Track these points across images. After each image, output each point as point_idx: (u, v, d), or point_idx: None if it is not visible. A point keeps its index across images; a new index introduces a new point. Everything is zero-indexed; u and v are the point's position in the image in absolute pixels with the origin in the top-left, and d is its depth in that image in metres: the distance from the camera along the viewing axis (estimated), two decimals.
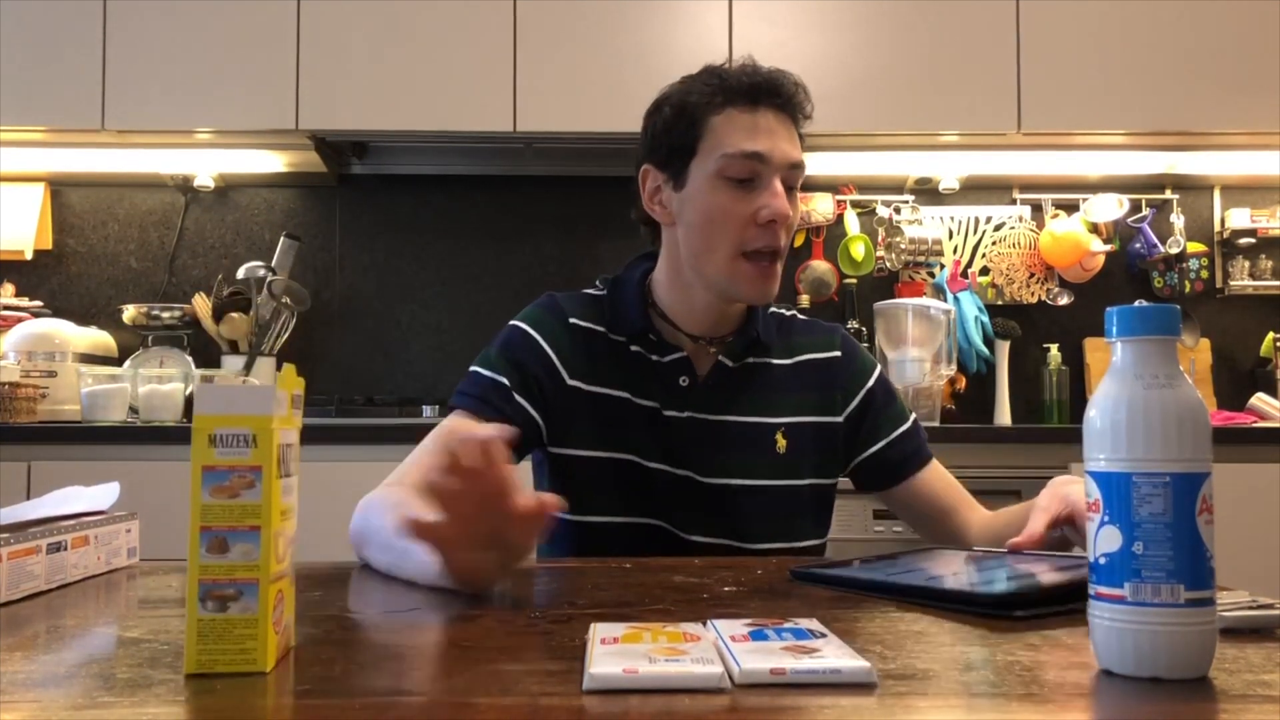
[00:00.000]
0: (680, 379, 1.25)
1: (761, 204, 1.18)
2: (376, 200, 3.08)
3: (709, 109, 1.20)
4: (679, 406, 1.24)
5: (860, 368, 1.34)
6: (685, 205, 1.22)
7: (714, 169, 1.19)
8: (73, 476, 1.18)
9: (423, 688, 0.59)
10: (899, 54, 2.71)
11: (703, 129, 1.20)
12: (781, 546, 1.25)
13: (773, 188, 1.18)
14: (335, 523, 2.50)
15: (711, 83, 1.21)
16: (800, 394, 1.29)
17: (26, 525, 0.93)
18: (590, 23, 2.68)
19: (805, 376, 1.30)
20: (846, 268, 3.06)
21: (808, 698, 0.56)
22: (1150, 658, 0.60)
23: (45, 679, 0.63)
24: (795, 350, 1.32)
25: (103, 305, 2.99)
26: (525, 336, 1.26)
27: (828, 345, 1.34)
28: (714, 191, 1.19)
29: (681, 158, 1.22)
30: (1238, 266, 3.07)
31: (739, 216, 1.18)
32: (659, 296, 1.29)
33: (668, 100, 1.25)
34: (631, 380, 1.25)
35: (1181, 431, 0.60)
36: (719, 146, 1.19)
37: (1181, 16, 2.71)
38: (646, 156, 1.27)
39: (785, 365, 1.30)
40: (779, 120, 1.20)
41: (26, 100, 2.62)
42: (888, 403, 1.33)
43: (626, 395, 1.24)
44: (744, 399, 1.27)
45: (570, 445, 1.25)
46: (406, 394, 2.94)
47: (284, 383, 0.66)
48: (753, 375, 1.28)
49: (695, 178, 1.21)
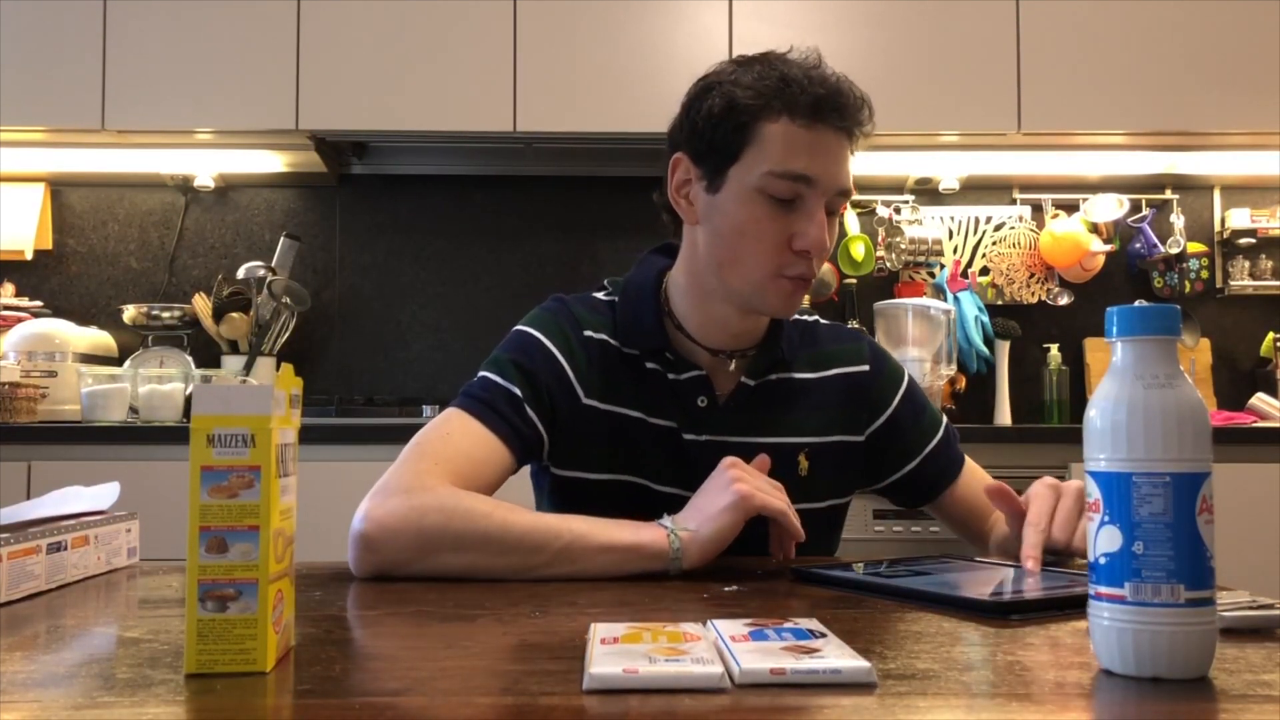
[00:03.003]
0: (699, 399, 1.17)
1: (799, 230, 1.08)
2: (376, 200, 3.08)
3: (763, 114, 1.08)
4: (697, 429, 1.17)
5: (888, 382, 1.27)
6: (716, 211, 1.12)
7: (755, 182, 1.08)
8: (73, 476, 1.18)
9: (423, 688, 0.59)
10: (899, 54, 2.71)
11: (751, 135, 1.08)
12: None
13: (815, 215, 1.08)
14: (335, 523, 2.49)
15: (770, 82, 1.08)
16: (826, 410, 1.22)
17: (26, 525, 0.93)
18: (590, 23, 2.68)
19: (832, 392, 1.23)
20: (847, 268, 3.06)
21: (808, 698, 0.56)
22: (1150, 658, 0.60)
23: (45, 679, 0.63)
24: (822, 362, 1.24)
25: (103, 305, 3.00)
26: (541, 347, 1.18)
27: (856, 357, 1.26)
28: (751, 204, 1.09)
29: (722, 158, 1.10)
30: (1238, 266, 3.07)
31: (773, 238, 1.09)
32: (675, 305, 1.20)
33: (718, 88, 1.11)
34: (646, 399, 1.17)
35: (1181, 431, 0.60)
36: (766, 160, 1.07)
37: (1181, 17, 2.71)
38: (683, 144, 1.15)
39: (812, 379, 1.23)
40: (837, 140, 1.09)
41: (26, 100, 2.62)
42: (917, 417, 1.27)
43: (641, 415, 1.17)
44: (766, 420, 1.19)
45: (576, 467, 1.18)
46: (406, 394, 2.95)
47: (282, 382, 0.66)
48: (775, 393, 1.21)
49: (733, 185, 1.10)
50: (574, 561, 0.98)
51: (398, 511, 1.00)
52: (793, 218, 1.09)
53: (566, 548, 0.98)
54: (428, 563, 0.99)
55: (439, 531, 0.99)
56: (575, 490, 1.18)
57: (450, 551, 0.99)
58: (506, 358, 1.18)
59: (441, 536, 0.99)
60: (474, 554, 0.99)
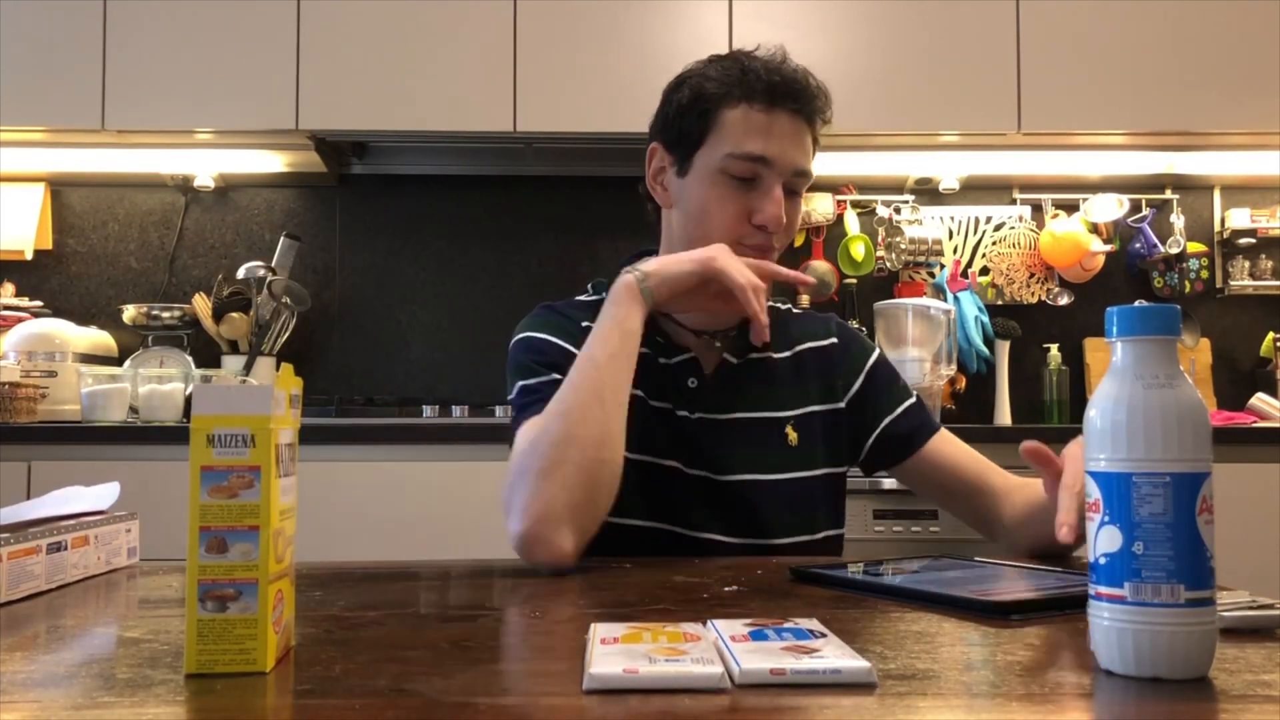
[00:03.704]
0: (689, 380, 1.25)
1: (758, 206, 1.18)
2: (376, 200, 3.08)
3: (723, 101, 1.19)
4: (690, 408, 1.24)
5: (858, 351, 1.33)
6: (685, 193, 1.23)
7: (718, 164, 1.19)
8: (73, 476, 1.18)
9: (423, 688, 0.59)
10: (899, 54, 2.71)
11: (713, 121, 1.20)
12: (801, 540, 1.23)
13: (771, 193, 1.18)
14: (335, 523, 2.49)
15: (732, 73, 1.20)
16: (803, 385, 1.29)
17: (26, 525, 0.93)
18: (590, 23, 2.68)
19: (805, 367, 1.30)
20: (847, 268, 3.06)
21: (808, 698, 0.56)
22: (1150, 658, 0.60)
23: (45, 679, 0.63)
24: (792, 342, 1.31)
25: (103, 305, 3.00)
26: (546, 340, 1.24)
27: (824, 333, 1.33)
28: (713, 185, 1.20)
29: (688, 145, 1.22)
30: (1238, 266, 3.07)
31: (733, 214, 1.19)
32: None
33: (687, 81, 1.24)
34: (644, 381, 1.23)
35: (1181, 431, 0.60)
36: (725, 143, 1.19)
37: (1181, 17, 2.71)
38: (657, 134, 1.26)
39: (785, 358, 1.30)
40: (793, 124, 1.19)
41: (26, 100, 2.62)
42: (889, 382, 1.33)
43: (642, 395, 1.23)
44: (750, 395, 1.26)
45: None
46: (406, 394, 2.95)
47: (282, 382, 0.66)
48: (755, 371, 1.27)
49: (698, 168, 1.21)
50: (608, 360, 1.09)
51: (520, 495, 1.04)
52: (752, 196, 1.19)
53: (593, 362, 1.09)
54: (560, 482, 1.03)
55: (543, 467, 1.04)
56: None
57: (559, 450, 1.04)
58: (525, 360, 1.23)
59: (540, 456, 1.04)
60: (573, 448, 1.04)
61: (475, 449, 2.31)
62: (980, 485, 1.27)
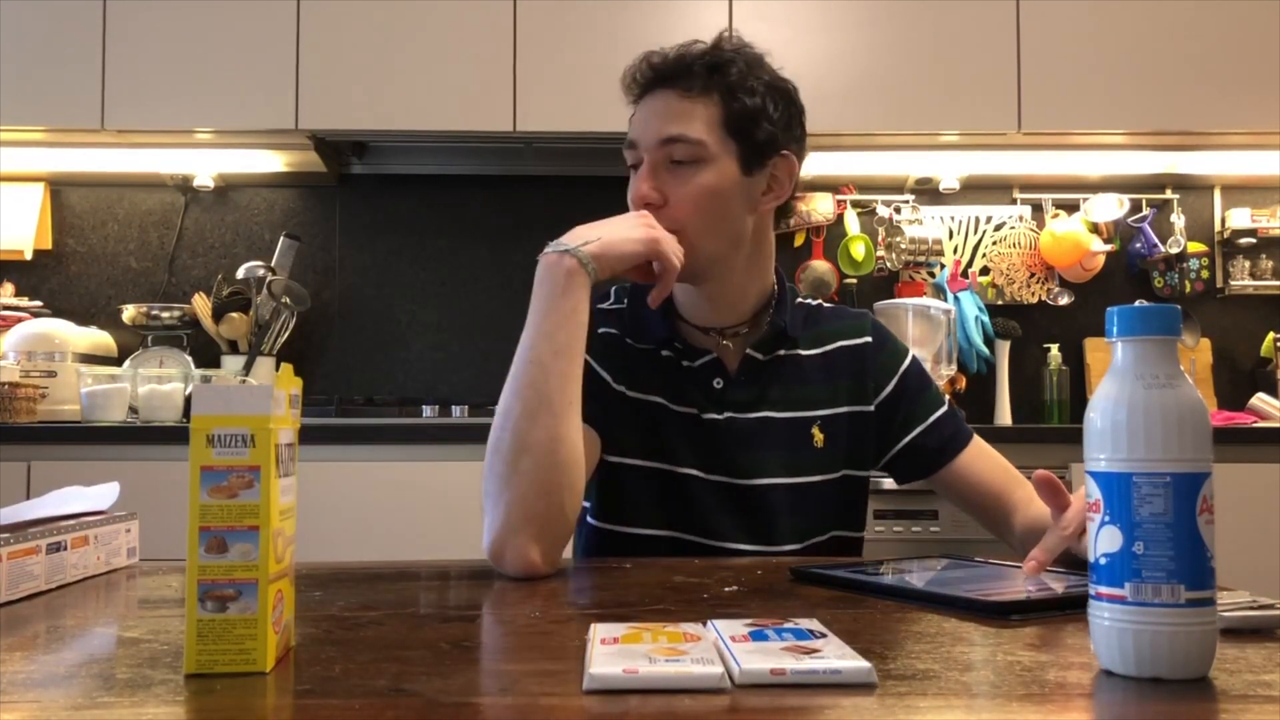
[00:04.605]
0: (714, 381, 1.23)
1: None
2: (376, 200, 3.08)
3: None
4: (716, 409, 1.22)
5: (892, 353, 1.31)
6: None
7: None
8: (73, 476, 1.18)
9: (423, 688, 0.59)
10: (899, 54, 2.71)
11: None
12: (818, 542, 1.23)
13: (640, 172, 1.20)
14: (335, 523, 2.49)
15: (626, 77, 1.24)
16: (834, 383, 1.26)
17: (26, 525, 0.93)
18: (590, 23, 2.68)
19: (837, 365, 1.28)
20: (846, 268, 3.06)
21: (808, 698, 0.56)
22: (1150, 658, 0.60)
23: (45, 679, 0.63)
24: (825, 339, 1.29)
25: (103, 305, 2.99)
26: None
27: (858, 331, 1.31)
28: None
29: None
30: (1238, 266, 3.07)
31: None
32: (675, 294, 1.27)
33: None
34: (667, 386, 1.23)
35: (1182, 431, 0.60)
36: None
37: (1181, 16, 2.71)
38: None
39: (815, 355, 1.28)
40: (661, 99, 1.21)
41: (26, 100, 2.62)
42: (921, 389, 1.30)
43: (664, 401, 1.22)
44: (778, 392, 1.24)
45: (614, 452, 1.22)
46: (406, 394, 2.95)
47: (282, 382, 0.66)
48: (783, 367, 1.25)
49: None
50: (554, 358, 1.06)
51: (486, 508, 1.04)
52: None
53: (539, 365, 1.06)
54: (518, 492, 1.02)
55: (501, 478, 1.03)
56: (616, 475, 1.22)
57: (511, 462, 1.03)
58: None
59: (497, 467, 1.04)
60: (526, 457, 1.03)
61: (475, 449, 2.28)
62: (1001, 501, 1.26)
